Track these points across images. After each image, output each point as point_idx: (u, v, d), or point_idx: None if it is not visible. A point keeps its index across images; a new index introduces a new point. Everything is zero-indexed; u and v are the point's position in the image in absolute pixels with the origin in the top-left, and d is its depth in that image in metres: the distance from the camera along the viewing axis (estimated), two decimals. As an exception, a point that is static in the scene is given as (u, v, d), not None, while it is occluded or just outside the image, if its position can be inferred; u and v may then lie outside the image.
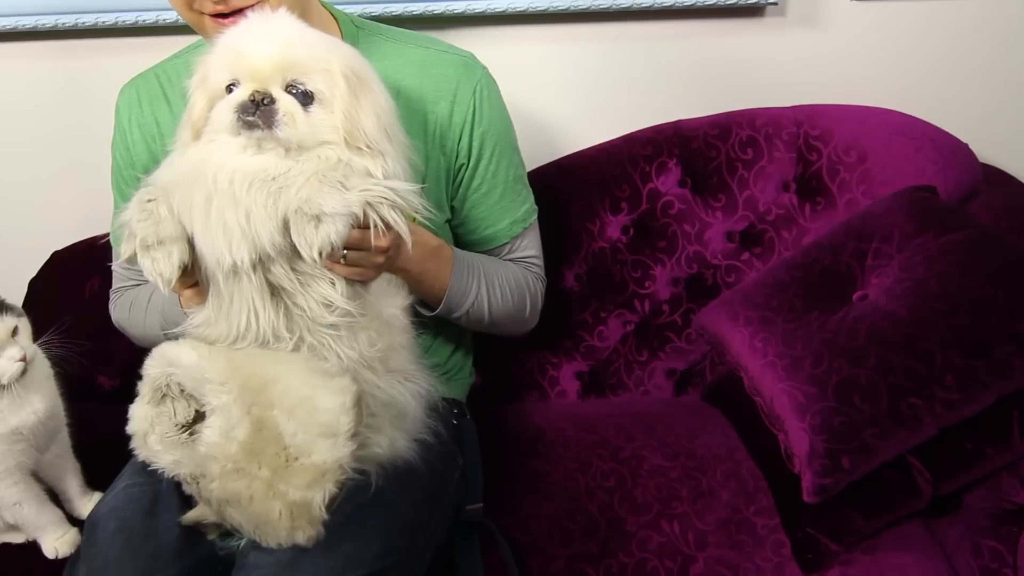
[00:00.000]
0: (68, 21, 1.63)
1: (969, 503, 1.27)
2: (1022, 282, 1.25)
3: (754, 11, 1.73)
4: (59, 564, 1.18)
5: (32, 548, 1.29)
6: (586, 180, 1.63)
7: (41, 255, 1.66)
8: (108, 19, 1.63)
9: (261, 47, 1.01)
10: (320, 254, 0.99)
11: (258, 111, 1.00)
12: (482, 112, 1.29)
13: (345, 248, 1.02)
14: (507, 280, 1.32)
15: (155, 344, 1.10)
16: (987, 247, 1.30)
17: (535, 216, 1.39)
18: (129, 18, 1.63)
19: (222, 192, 1.00)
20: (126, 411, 1.13)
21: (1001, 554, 1.20)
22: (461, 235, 1.37)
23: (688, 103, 1.70)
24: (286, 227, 0.99)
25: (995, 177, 1.61)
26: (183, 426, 1.10)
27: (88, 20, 1.63)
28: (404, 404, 1.14)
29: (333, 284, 1.06)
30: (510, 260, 1.36)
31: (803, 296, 1.36)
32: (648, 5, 1.67)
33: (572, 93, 1.75)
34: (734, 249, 1.63)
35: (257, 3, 1.12)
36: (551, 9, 1.66)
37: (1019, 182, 1.61)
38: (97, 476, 1.16)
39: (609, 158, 1.65)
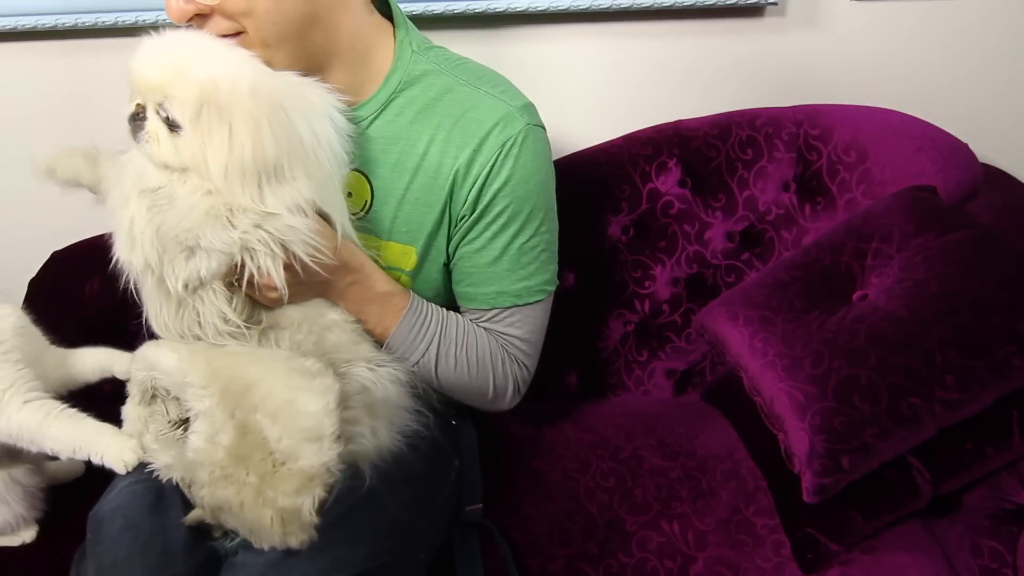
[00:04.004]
0: (68, 21, 1.63)
1: (969, 503, 1.27)
2: (1022, 282, 1.25)
3: (754, 11, 1.72)
4: (59, 564, 1.18)
5: (32, 549, 1.29)
6: (586, 180, 1.63)
7: (41, 255, 1.66)
8: (108, 19, 1.63)
9: (143, 64, 1.04)
10: (185, 286, 1.03)
11: (133, 124, 1.05)
12: (502, 169, 1.19)
13: (236, 276, 1.04)
14: (469, 354, 1.24)
15: None
16: (987, 247, 1.30)
17: (539, 298, 1.27)
18: (129, 18, 1.63)
19: (124, 191, 1.05)
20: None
21: (1001, 554, 1.20)
22: (448, 282, 1.30)
23: (688, 103, 1.70)
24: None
25: (995, 177, 1.61)
26: (178, 423, 1.10)
27: (88, 20, 1.63)
28: (379, 391, 1.13)
29: (230, 300, 1.08)
30: (485, 328, 1.27)
31: (803, 296, 1.36)
32: (648, 5, 1.67)
33: (572, 93, 1.75)
34: (734, 249, 1.63)
35: (234, 33, 1.09)
36: (551, 9, 1.66)
37: (1019, 182, 1.61)
38: (98, 476, 1.16)
39: (609, 158, 1.65)
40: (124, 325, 1.61)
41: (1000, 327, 1.22)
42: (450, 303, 1.30)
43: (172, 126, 1.02)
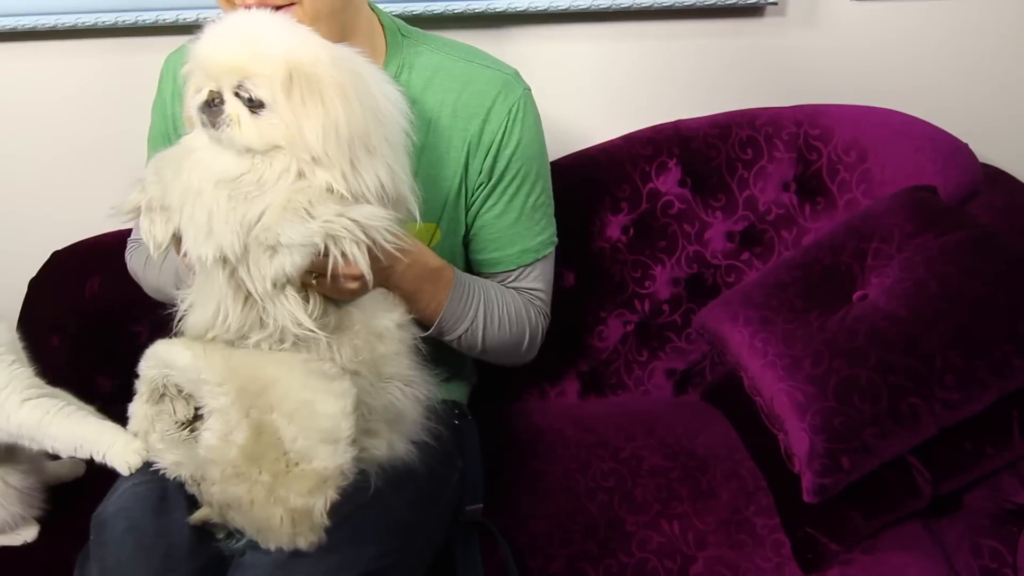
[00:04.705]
0: (68, 21, 1.63)
1: (969, 503, 1.27)
2: (1022, 282, 1.25)
3: (754, 11, 1.72)
4: (60, 564, 1.18)
5: (33, 548, 1.29)
6: (586, 180, 1.63)
7: (41, 255, 1.66)
8: (108, 19, 1.63)
9: (214, 49, 1.02)
10: (273, 285, 1.01)
11: (209, 111, 1.01)
12: (512, 134, 1.26)
13: (314, 274, 1.03)
14: (508, 311, 1.29)
15: (168, 298, 1.14)
16: (987, 247, 1.30)
17: (551, 250, 1.35)
18: (129, 18, 1.64)
19: (193, 185, 1.02)
20: (127, 410, 1.14)
21: (1001, 554, 1.20)
22: (467, 253, 1.35)
23: (688, 103, 1.70)
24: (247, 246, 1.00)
25: (995, 177, 1.61)
26: (184, 423, 1.10)
27: (88, 20, 1.63)
28: (402, 408, 1.13)
29: (307, 300, 1.06)
30: (513, 288, 1.33)
31: (803, 296, 1.36)
32: (648, 5, 1.67)
33: (572, 93, 1.75)
34: (734, 249, 1.63)
35: (287, 4, 1.10)
36: (551, 9, 1.66)
37: (1019, 182, 1.61)
38: (100, 475, 1.16)
39: (609, 158, 1.65)
40: (124, 325, 1.61)
41: (1000, 327, 1.22)
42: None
43: (253, 106, 1.00)
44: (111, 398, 1.62)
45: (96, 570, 1.07)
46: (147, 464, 1.11)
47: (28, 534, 1.30)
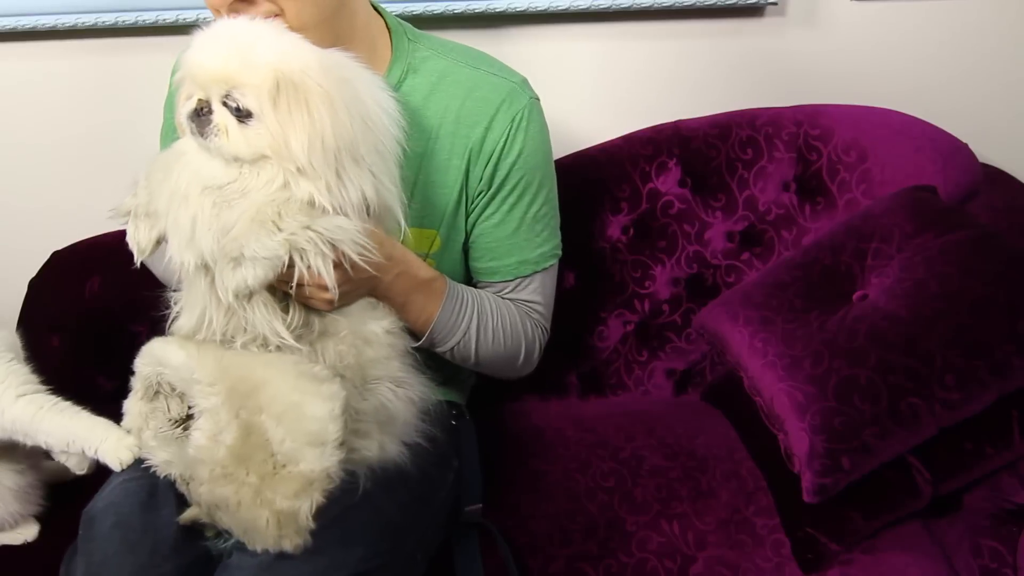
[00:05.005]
0: (68, 21, 1.63)
1: (969, 503, 1.27)
2: (1022, 282, 1.25)
3: (754, 11, 1.72)
4: (58, 563, 1.18)
5: (31, 546, 1.29)
6: (586, 180, 1.63)
7: (41, 255, 1.66)
8: (108, 19, 1.63)
9: (203, 58, 1.02)
10: (236, 296, 1.02)
11: (197, 120, 1.02)
12: (514, 142, 1.24)
13: (289, 283, 1.03)
14: (503, 325, 1.27)
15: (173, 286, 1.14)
16: (987, 247, 1.30)
17: (552, 263, 1.33)
18: (129, 18, 1.64)
19: (180, 189, 1.03)
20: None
21: (1001, 554, 1.20)
22: (466, 260, 1.33)
23: (688, 103, 1.70)
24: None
25: (995, 177, 1.61)
26: (177, 421, 1.10)
27: (88, 20, 1.64)
28: (393, 410, 1.13)
29: (286, 311, 1.07)
30: (509, 299, 1.31)
31: (803, 296, 1.36)
32: (648, 5, 1.67)
33: (571, 93, 1.75)
34: (734, 249, 1.63)
35: (272, 16, 1.10)
36: (551, 9, 1.66)
37: (1019, 182, 1.61)
38: (99, 475, 1.16)
39: (609, 158, 1.65)
40: (124, 325, 1.61)
41: (1000, 327, 1.22)
42: (467, 283, 1.32)
43: (241, 116, 1.00)
44: (111, 398, 1.61)
45: (82, 565, 1.07)
46: (139, 460, 1.11)
47: (28, 533, 1.30)
